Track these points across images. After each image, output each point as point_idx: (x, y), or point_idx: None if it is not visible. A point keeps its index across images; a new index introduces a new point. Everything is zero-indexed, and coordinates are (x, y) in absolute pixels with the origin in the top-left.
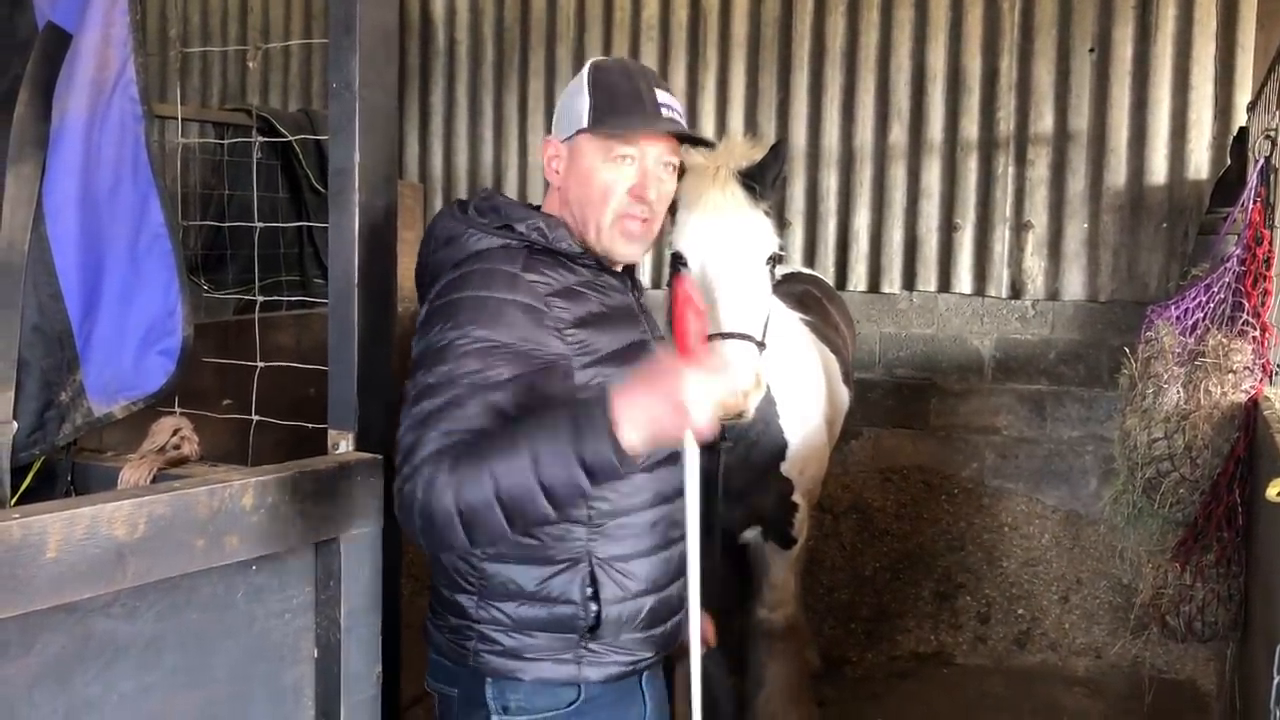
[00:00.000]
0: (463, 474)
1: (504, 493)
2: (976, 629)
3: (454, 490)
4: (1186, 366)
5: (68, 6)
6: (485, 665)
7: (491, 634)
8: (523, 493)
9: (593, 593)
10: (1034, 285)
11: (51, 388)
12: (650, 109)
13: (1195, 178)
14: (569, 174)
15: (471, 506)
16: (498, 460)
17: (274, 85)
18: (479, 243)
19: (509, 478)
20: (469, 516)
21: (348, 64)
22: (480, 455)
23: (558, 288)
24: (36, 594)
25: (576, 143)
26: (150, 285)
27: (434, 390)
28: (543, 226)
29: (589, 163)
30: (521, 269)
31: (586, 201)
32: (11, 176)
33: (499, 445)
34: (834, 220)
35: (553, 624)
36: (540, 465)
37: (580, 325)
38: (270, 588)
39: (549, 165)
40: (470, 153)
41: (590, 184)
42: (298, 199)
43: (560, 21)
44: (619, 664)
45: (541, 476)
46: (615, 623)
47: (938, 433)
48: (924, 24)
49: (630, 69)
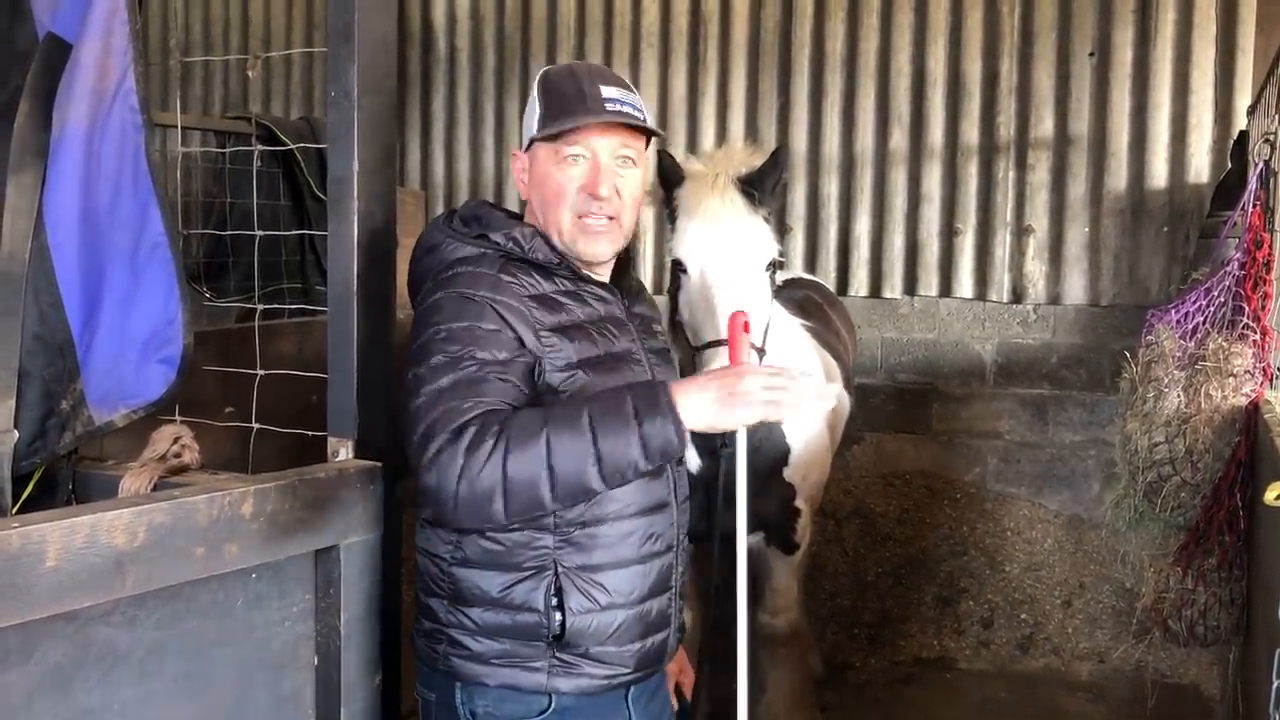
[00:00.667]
0: (514, 442)
1: (558, 463)
2: (979, 634)
3: (502, 455)
4: (1187, 370)
5: (68, 17)
6: (455, 669)
7: (459, 638)
8: (577, 464)
9: (557, 602)
10: (1035, 289)
11: (52, 396)
12: (594, 105)
13: (1195, 181)
14: (532, 184)
15: (520, 474)
16: (554, 431)
17: (275, 93)
18: (456, 251)
19: (564, 449)
20: (514, 483)
21: (346, 73)
22: (532, 425)
23: (534, 293)
24: (37, 602)
25: (534, 151)
26: (151, 294)
27: (443, 369)
28: (518, 236)
29: (543, 168)
30: (498, 273)
31: (546, 205)
32: (12, 186)
33: (555, 415)
34: (835, 225)
35: (517, 631)
36: (600, 439)
37: (555, 331)
38: (270, 595)
39: (519, 178)
40: (472, 159)
41: (546, 188)
42: (299, 206)
43: (561, 28)
44: (594, 677)
45: (601, 449)
46: (583, 634)
47: (940, 437)
48: (924, 29)
49: (576, 70)
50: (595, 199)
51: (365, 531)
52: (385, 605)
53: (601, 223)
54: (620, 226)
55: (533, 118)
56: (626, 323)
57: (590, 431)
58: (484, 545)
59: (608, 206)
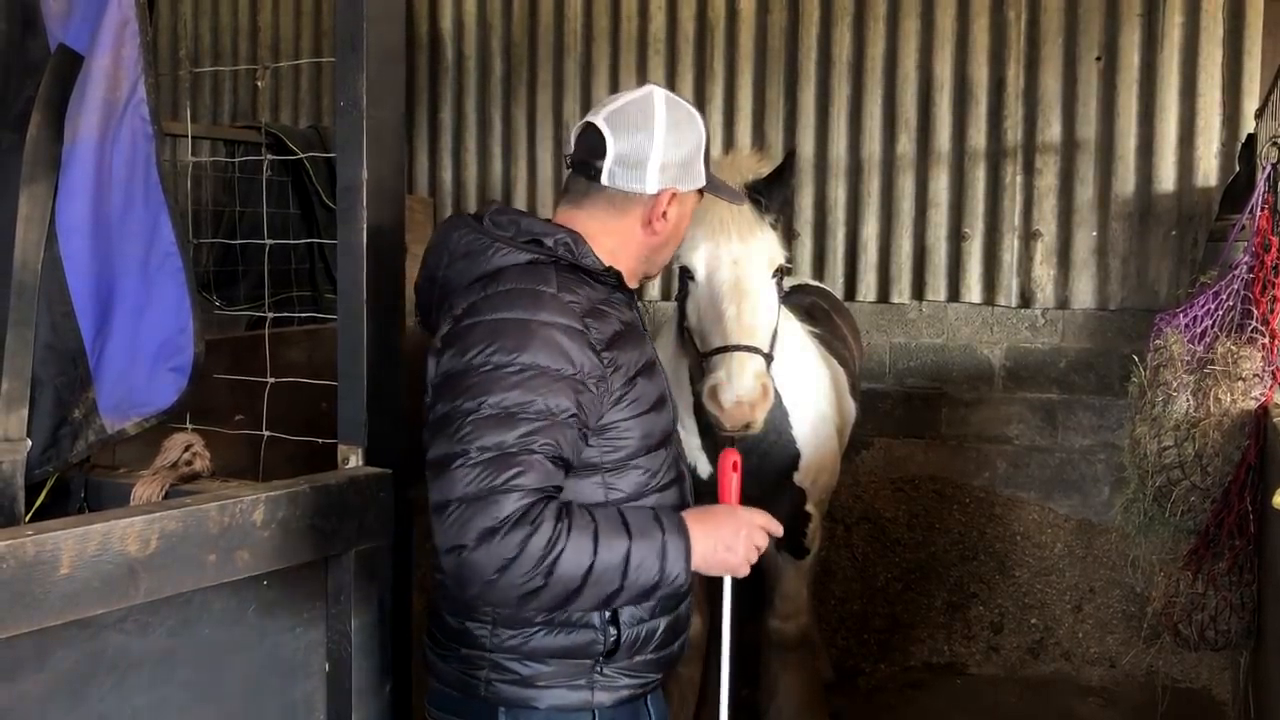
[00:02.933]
0: (573, 539)
1: (597, 570)
2: (989, 639)
3: (561, 546)
4: (1196, 374)
5: (80, 28)
6: (498, 695)
7: (506, 663)
8: (609, 579)
9: (611, 616)
10: (1043, 294)
11: (65, 405)
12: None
13: (1204, 185)
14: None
15: (563, 569)
16: (603, 540)
17: (284, 102)
18: (505, 258)
19: (606, 558)
20: (554, 575)
21: (354, 82)
22: (588, 527)
23: (588, 306)
24: (50, 610)
25: (690, 195)
26: (162, 303)
27: (494, 425)
28: (569, 241)
29: (684, 212)
30: (557, 288)
31: (664, 249)
32: (25, 196)
33: (606, 526)
34: (842, 231)
35: (570, 650)
36: (630, 569)
37: (611, 344)
38: (281, 603)
39: (659, 214)
40: (480, 166)
41: (678, 231)
42: (309, 215)
43: (568, 36)
44: (629, 686)
45: (628, 578)
46: (630, 645)
47: (949, 442)
48: (930, 34)
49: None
50: None
51: (376, 539)
52: (396, 613)
53: None
54: None
55: (698, 161)
56: (644, 330)
57: (624, 566)
58: None
59: None
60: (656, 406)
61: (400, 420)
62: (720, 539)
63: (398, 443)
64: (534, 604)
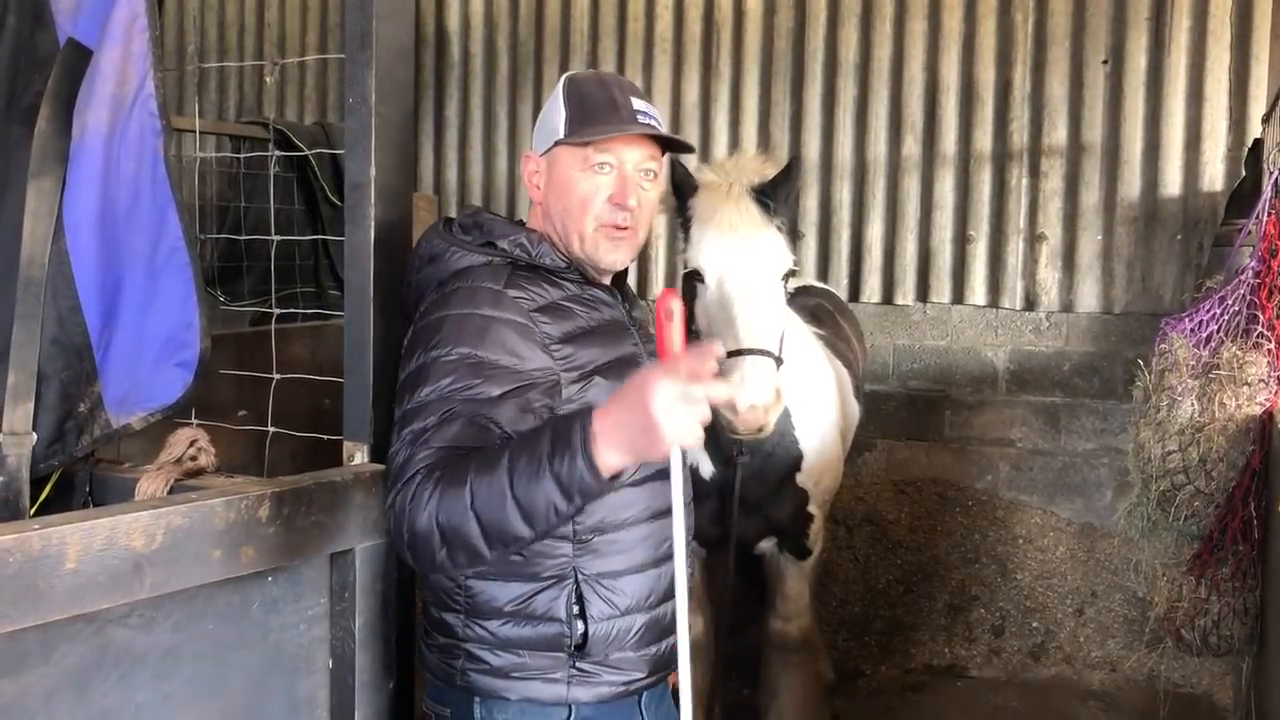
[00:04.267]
0: (444, 489)
1: (480, 509)
2: (990, 642)
3: (435, 505)
4: (1201, 379)
5: (89, 23)
6: (473, 684)
7: (478, 653)
8: (497, 510)
9: (579, 610)
10: (1048, 297)
11: (70, 399)
12: (626, 115)
13: (1210, 189)
14: (549, 187)
15: (450, 522)
16: (476, 476)
17: (290, 99)
18: (460, 260)
19: (485, 493)
20: (447, 533)
21: (363, 79)
22: (462, 471)
23: (542, 303)
24: (56, 604)
25: (555, 154)
26: (168, 298)
27: (424, 410)
28: (525, 243)
29: (568, 173)
30: (504, 285)
31: (567, 212)
32: (33, 191)
33: (479, 462)
34: (847, 232)
35: (539, 642)
36: (516, 482)
37: (566, 340)
38: (285, 599)
39: (530, 180)
40: (485, 164)
41: (570, 194)
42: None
43: (574, 34)
44: (611, 684)
45: (516, 493)
46: (604, 641)
47: (952, 445)
48: (937, 36)
49: (605, 79)
50: (623, 209)
51: (380, 535)
52: (400, 609)
53: (623, 234)
54: (637, 236)
55: (557, 120)
56: (628, 326)
57: (507, 475)
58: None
59: (629, 218)
60: None
61: None
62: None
63: None
64: (458, 556)
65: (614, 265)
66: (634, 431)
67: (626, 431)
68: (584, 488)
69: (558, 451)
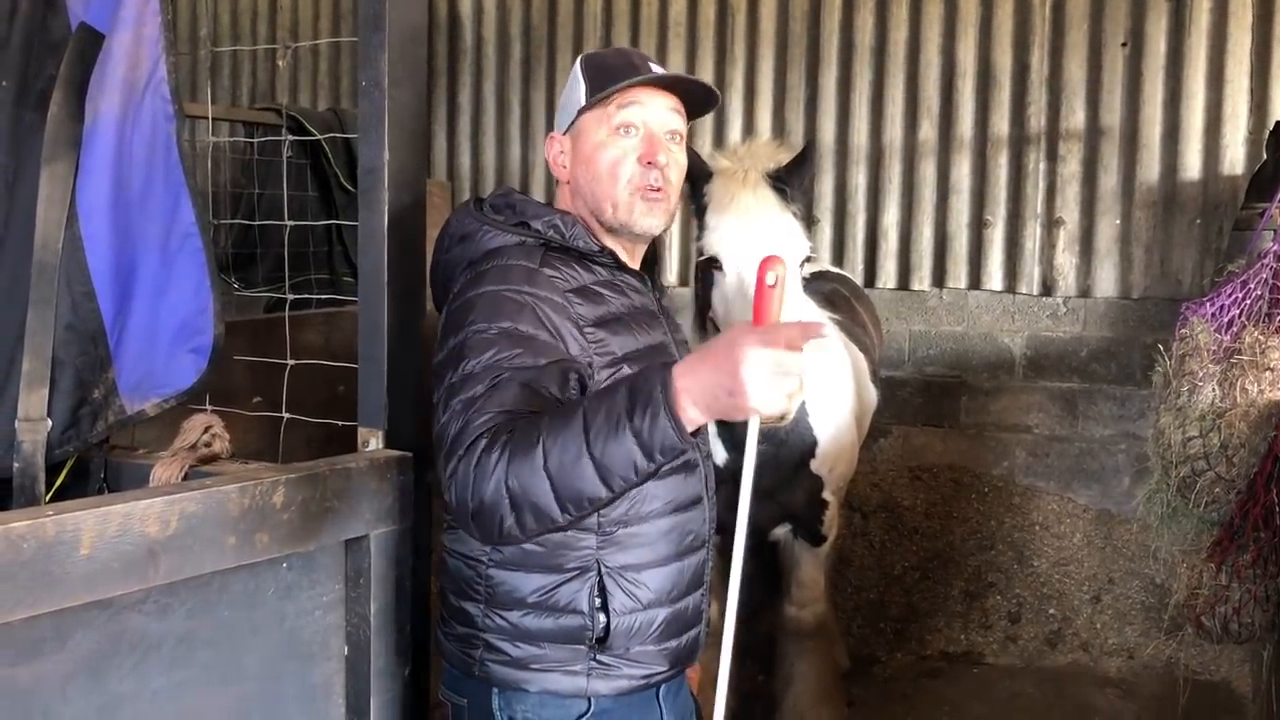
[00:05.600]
0: (513, 452)
1: (553, 470)
2: (1007, 629)
3: (503, 469)
4: (1222, 364)
5: (101, 7)
6: (492, 675)
7: (497, 643)
8: (572, 470)
9: (601, 603)
10: (1065, 282)
11: (85, 386)
12: (644, 69)
13: (1230, 173)
14: (575, 162)
15: (520, 485)
16: (549, 436)
17: (303, 84)
18: (494, 240)
19: (558, 454)
20: (517, 497)
21: (377, 62)
22: (531, 432)
23: (575, 285)
24: (71, 591)
25: (578, 126)
26: (181, 284)
27: (473, 379)
28: (559, 224)
29: (594, 139)
30: (539, 264)
31: (596, 180)
32: (46, 176)
33: (550, 422)
34: (863, 217)
35: (560, 634)
36: (593, 441)
37: (599, 325)
38: (300, 585)
39: (555, 162)
40: (497, 150)
41: (597, 161)
42: (327, 197)
43: (587, 19)
44: (631, 677)
45: (593, 452)
46: (625, 634)
47: (968, 431)
48: (954, 19)
49: (621, 49)
50: (653, 167)
51: (395, 522)
52: (415, 596)
53: (658, 195)
54: (670, 201)
55: (577, 93)
56: (658, 315)
57: (584, 434)
58: (524, 547)
59: (660, 178)
60: None
61: (420, 404)
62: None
63: (417, 426)
64: (529, 521)
65: (650, 229)
66: (718, 391)
67: (710, 390)
68: (666, 445)
69: (638, 407)
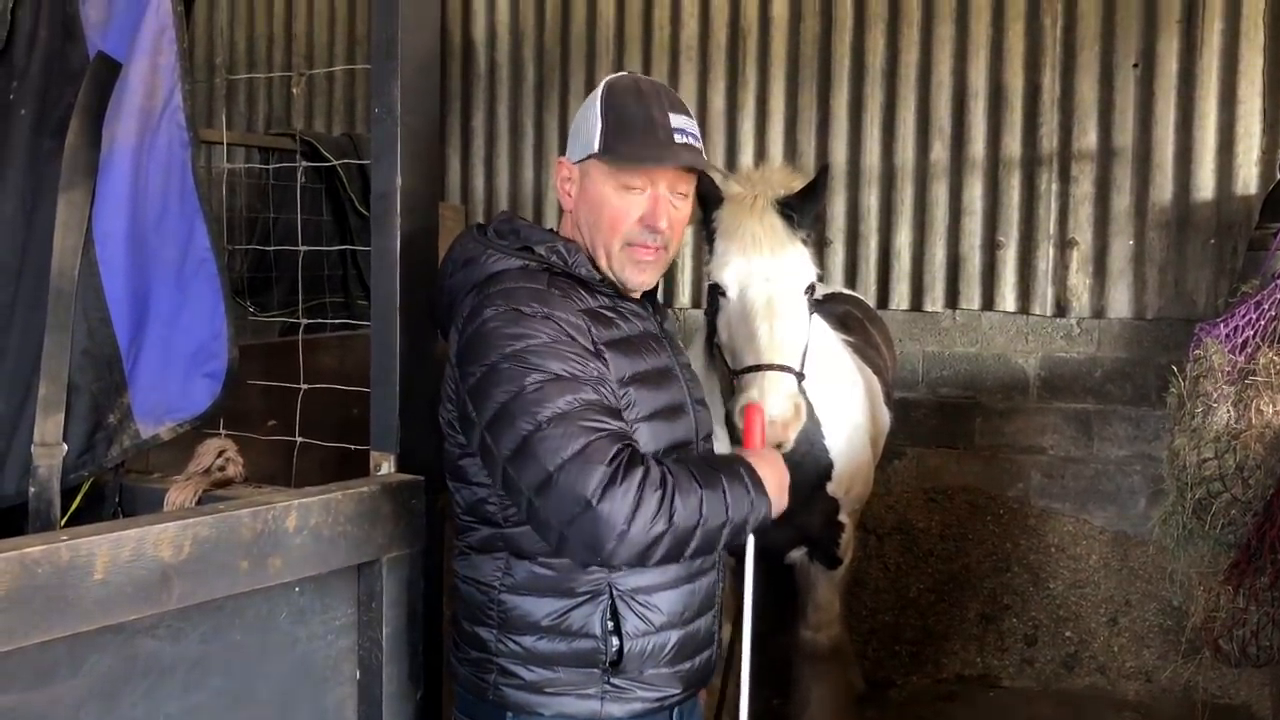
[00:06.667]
0: (678, 493)
1: (706, 521)
2: (1023, 651)
3: (670, 504)
4: (1237, 385)
5: (119, 36)
6: (505, 699)
7: (511, 667)
8: (718, 526)
9: (614, 626)
10: (1079, 303)
11: (100, 410)
12: (664, 138)
13: (1244, 193)
14: (580, 198)
15: (684, 525)
16: (707, 489)
17: (318, 110)
18: (497, 264)
19: (714, 509)
20: (678, 533)
21: (389, 89)
22: (688, 478)
23: (583, 308)
24: (85, 615)
25: (587, 167)
26: (196, 308)
27: (549, 389)
28: (562, 250)
29: (599, 189)
30: (548, 286)
31: (596, 227)
32: (63, 203)
33: (701, 474)
34: (875, 239)
35: (573, 658)
36: (731, 506)
37: (609, 346)
38: (313, 609)
39: (561, 187)
40: (511, 174)
41: (600, 211)
42: (341, 222)
43: (600, 43)
44: (645, 700)
45: (732, 515)
46: (639, 657)
47: (983, 452)
48: (964, 41)
49: (644, 90)
50: (652, 231)
51: (407, 546)
52: (427, 620)
53: (650, 254)
54: (666, 255)
55: (592, 132)
56: (661, 338)
57: (724, 499)
58: (536, 571)
59: (659, 239)
60: (663, 415)
61: (432, 427)
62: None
63: (430, 449)
64: (658, 551)
65: (639, 286)
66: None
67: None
68: (760, 525)
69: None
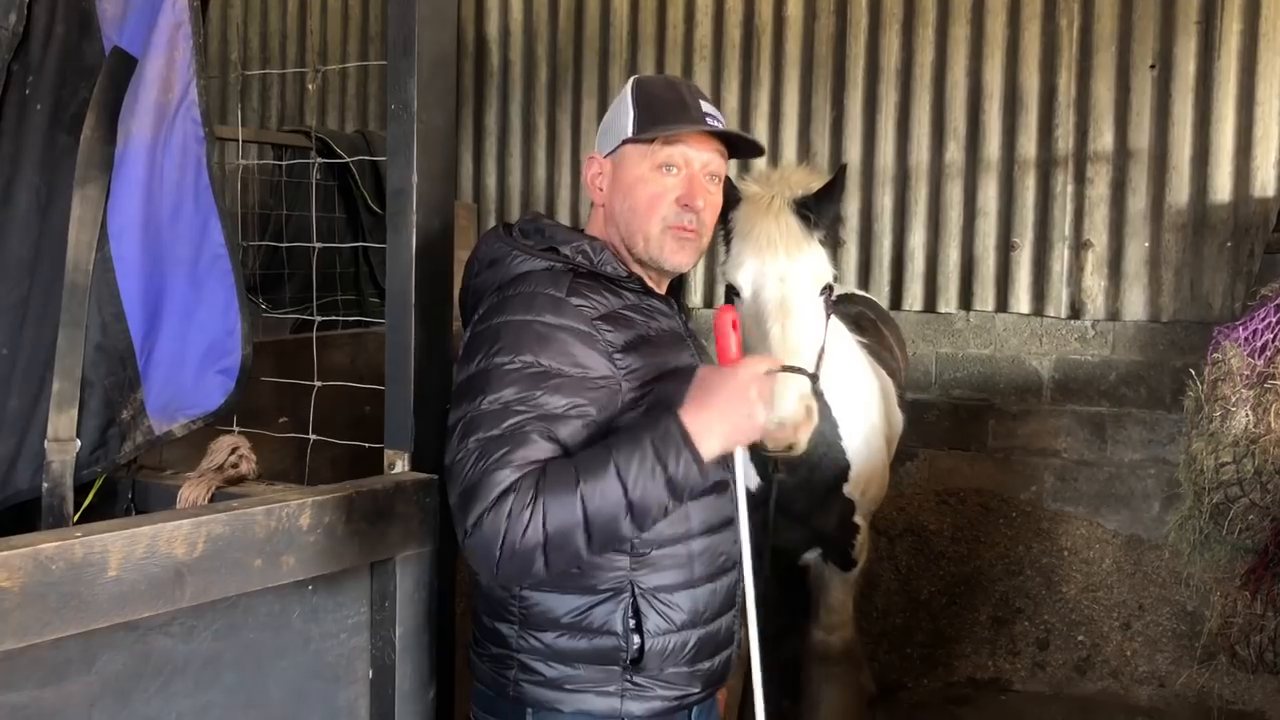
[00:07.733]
0: (549, 500)
1: (592, 514)
2: (1035, 655)
3: (541, 517)
4: (1255, 389)
5: (134, 32)
6: (525, 695)
7: (531, 664)
8: (611, 513)
9: (635, 624)
10: (1094, 305)
11: (113, 406)
12: (697, 116)
13: (1261, 195)
14: (613, 188)
15: (560, 530)
16: (586, 483)
17: (331, 106)
18: (523, 265)
19: (598, 501)
20: (555, 541)
21: (406, 85)
22: (565, 480)
23: (603, 311)
24: (99, 612)
25: (621, 154)
26: (210, 305)
27: (488, 419)
28: (588, 249)
29: (635, 172)
30: (566, 293)
31: (633, 211)
32: (78, 198)
33: (585, 469)
34: (889, 239)
35: (594, 655)
36: (631, 487)
37: (628, 349)
38: (326, 608)
39: (592, 183)
40: (524, 173)
41: (637, 194)
42: (354, 219)
43: (613, 42)
44: (664, 699)
45: (632, 497)
46: (659, 655)
47: (995, 455)
48: (980, 41)
49: (673, 80)
50: (689, 210)
51: (421, 544)
52: (440, 618)
53: (689, 234)
54: (702, 239)
55: (624, 120)
56: (685, 337)
57: (619, 481)
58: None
59: (695, 220)
60: None
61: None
62: (720, 408)
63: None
64: (557, 561)
65: (679, 267)
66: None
67: (724, 421)
68: (693, 485)
69: (668, 453)
